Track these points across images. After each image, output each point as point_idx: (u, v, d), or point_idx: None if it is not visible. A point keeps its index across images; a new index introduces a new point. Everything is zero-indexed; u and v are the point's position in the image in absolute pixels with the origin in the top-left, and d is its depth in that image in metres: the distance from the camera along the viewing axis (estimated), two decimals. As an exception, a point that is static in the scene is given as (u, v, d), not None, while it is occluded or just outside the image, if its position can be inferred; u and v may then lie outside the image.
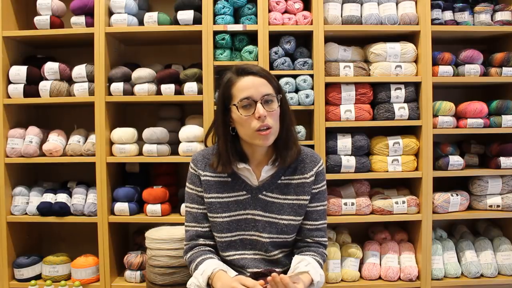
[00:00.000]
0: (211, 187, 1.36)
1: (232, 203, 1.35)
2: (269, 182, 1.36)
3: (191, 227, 1.39)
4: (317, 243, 1.39)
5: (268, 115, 1.26)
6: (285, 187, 1.36)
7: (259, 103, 1.25)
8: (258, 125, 1.25)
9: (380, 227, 2.28)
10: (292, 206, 1.35)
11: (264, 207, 1.35)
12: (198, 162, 1.38)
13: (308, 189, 1.36)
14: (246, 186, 1.36)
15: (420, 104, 2.10)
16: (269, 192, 1.36)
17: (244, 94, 1.26)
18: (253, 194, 1.36)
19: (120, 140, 2.06)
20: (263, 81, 1.28)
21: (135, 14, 2.13)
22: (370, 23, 2.08)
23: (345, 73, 2.08)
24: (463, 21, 2.15)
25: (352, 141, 2.08)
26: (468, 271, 2.09)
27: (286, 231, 1.35)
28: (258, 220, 1.35)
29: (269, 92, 1.27)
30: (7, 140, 2.11)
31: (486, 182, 2.13)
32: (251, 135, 1.27)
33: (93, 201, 2.09)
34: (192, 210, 1.39)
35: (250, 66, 1.31)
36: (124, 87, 2.06)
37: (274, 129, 1.28)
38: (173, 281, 1.68)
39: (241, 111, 1.26)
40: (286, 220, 1.34)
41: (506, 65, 2.13)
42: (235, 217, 1.35)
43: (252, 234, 1.36)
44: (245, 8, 2.08)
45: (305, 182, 1.36)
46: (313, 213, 1.38)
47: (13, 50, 2.16)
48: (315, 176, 1.38)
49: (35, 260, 2.12)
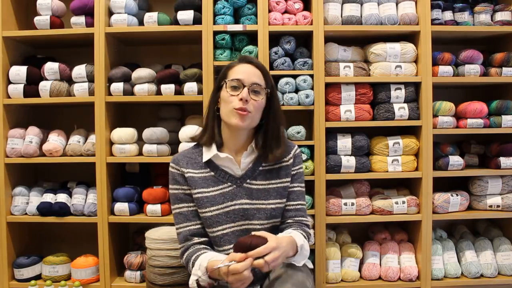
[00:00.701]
0: (196, 182, 1.39)
1: (218, 196, 1.38)
2: (251, 170, 1.42)
3: (183, 227, 1.40)
4: (298, 222, 1.44)
5: (251, 102, 1.35)
6: (268, 172, 1.43)
7: (246, 88, 1.35)
8: (238, 105, 1.33)
9: (380, 227, 2.28)
10: (277, 190, 1.41)
11: (250, 195, 1.39)
12: (179, 161, 1.43)
13: (289, 171, 1.45)
14: (229, 177, 1.41)
15: (420, 104, 2.10)
16: (253, 180, 1.41)
17: (236, 75, 1.37)
18: (238, 184, 1.40)
19: (120, 140, 2.06)
20: (258, 72, 1.39)
21: (135, 14, 2.13)
22: (370, 23, 2.08)
23: (345, 73, 2.08)
24: (463, 21, 2.15)
25: (352, 141, 2.08)
26: (468, 271, 2.09)
27: (275, 215, 1.40)
28: (246, 208, 1.38)
29: (259, 82, 1.37)
30: (7, 140, 2.11)
31: (486, 182, 2.13)
32: (229, 112, 1.35)
33: (93, 201, 2.09)
34: (182, 210, 1.41)
35: (252, 58, 1.45)
36: (124, 87, 2.06)
37: (253, 115, 1.36)
38: (173, 281, 1.68)
39: (229, 89, 1.36)
40: (273, 204, 1.39)
41: (506, 65, 2.13)
42: (223, 209, 1.37)
43: (242, 224, 1.38)
44: (245, 8, 2.08)
45: (285, 165, 1.45)
46: (291, 194, 1.45)
47: (13, 50, 2.16)
48: (293, 158, 1.47)
49: (35, 260, 2.12)
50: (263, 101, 1.39)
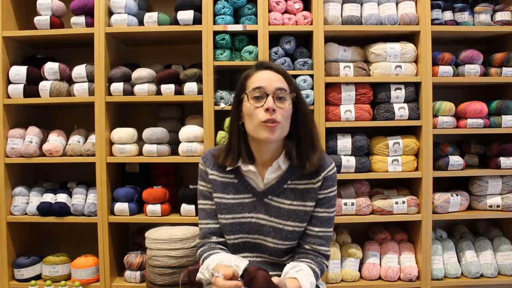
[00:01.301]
0: (217, 186, 1.34)
1: (236, 205, 1.33)
2: (275, 186, 1.32)
3: (204, 224, 1.37)
4: (314, 251, 1.31)
5: (278, 111, 1.22)
6: (291, 192, 1.31)
7: (270, 97, 1.22)
8: (265, 117, 1.21)
9: (380, 227, 2.28)
10: (298, 213, 1.30)
11: (269, 212, 1.31)
12: (207, 159, 1.37)
13: (314, 194, 1.31)
14: (251, 189, 1.33)
15: (420, 104, 2.10)
16: (275, 197, 1.32)
17: (257, 84, 1.24)
18: (258, 197, 1.32)
19: (120, 140, 2.06)
20: (279, 77, 1.27)
21: (135, 14, 2.13)
22: (370, 23, 2.08)
23: (345, 73, 2.08)
24: (463, 21, 2.15)
25: (352, 141, 2.08)
26: (468, 271, 2.09)
27: (291, 237, 1.31)
28: (262, 224, 1.32)
29: (282, 87, 1.25)
30: (7, 140, 2.11)
31: (486, 182, 2.13)
32: (256, 127, 1.23)
33: (93, 201, 2.09)
34: (205, 206, 1.37)
35: (270, 62, 1.32)
36: (124, 87, 2.06)
37: (282, 125, 1.24)
38: (173, 281, 1.68)
39: (251, 101, 1.24)
40: (291, 226, 1.30)
41: (506, 65, 2.13)
42: (239, 220, 1.32)
43: (256, 237, 1.33)
44: (245, 8, 2.08)
45: (311, 187, 1.31)
46: (313, 218, 1.32)
47: (13, 50, 2.16)
48: (322, 181, 1.31)
49: (35, 260, 2.12)
50: (290, 107, 1.26)
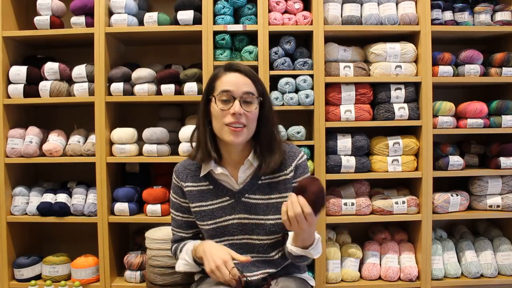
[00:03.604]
0: (194, 197, 1.36)
1: (216, 210, 1.34)
2: (250, 184, 1.34)
3: (175, 231, 1.45)
4: None
5: (245, 115, 1.25)
6: (267, 186, 1.33)
7: (237, 100, 1.24)
8: (230, 120, 1.24)
9: (380, 227, 2.28)
10: (277, 205, 1.32)
11: (249, 210, 1.33)
12: (179, 173, 1.39)
13: (289, 184, 1.33)
14: (228, 191, 1.35)
15: (420, 104, 2.10)
16: (252, 194, 1.33)
17: (225, 87, 1.26)
18: (236, 198, 1.34)
19: (120, 140, 2.06)
20: (247, 80, 1.28)
21: (135, 14, 2.13)
22: (370, 23, 2.08)
23: (345, 73, 2.08)
24: (463, 21, 2.15)
25: (352, 141, 2.08)
26: (468, 271, 2.09)
27: (274, 231, 1.32)
28: (245, 223, 1.33)
29: (250, 91, 1.27)
30: (7, 140, 2.11)
31: (486, 182, 2.13)
32: (222, 129, 1.26)
33: (93, 201, 2.09)
34: (177, 217, 1.43)
35: (239, 64, 1.31)
36: (124, 87, 2.06)
37: (248, 129, 1.27)
38: (173, 281, 1.68)
39: (218, 104, 1.26)
40: (272, 220, 1.32)
41: (506, 65, 2.13)
42: (221, 223, 1.34)
43: (241, 238, 1.35)
44: (245, 8, 2.08)
45: (286, 178, 1.33)
46: None
47: (13, 50, 2.16)
48: (295, 170, 1.34)
49: (35, 260, 2.12)
50: (257, 110, 1.28)
